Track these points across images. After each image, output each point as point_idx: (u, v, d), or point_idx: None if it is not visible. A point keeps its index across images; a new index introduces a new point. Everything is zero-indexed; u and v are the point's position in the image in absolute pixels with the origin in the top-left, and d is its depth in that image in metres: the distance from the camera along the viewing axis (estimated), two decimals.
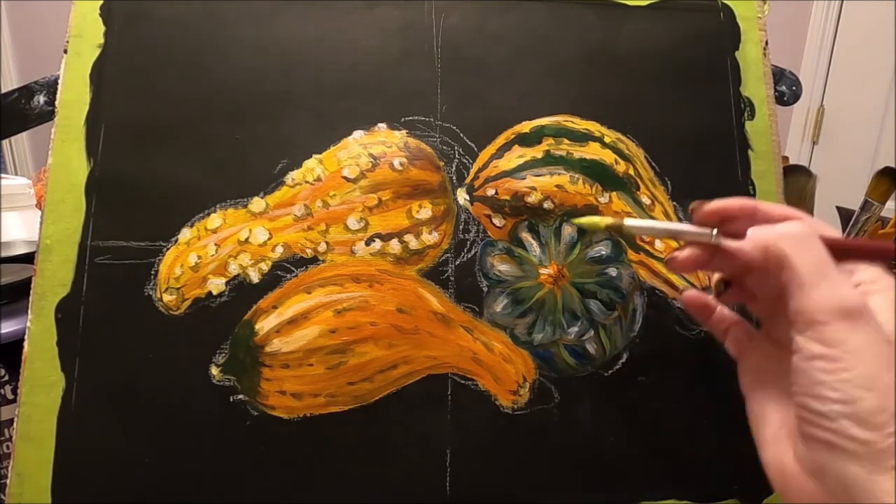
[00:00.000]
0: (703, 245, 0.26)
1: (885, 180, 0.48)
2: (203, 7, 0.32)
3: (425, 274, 0.31)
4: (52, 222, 0.30)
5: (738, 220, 0.25)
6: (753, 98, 0.36)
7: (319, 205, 0.31)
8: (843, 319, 0.20)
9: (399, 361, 0.30)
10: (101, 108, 0.31)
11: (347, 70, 0.33)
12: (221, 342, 0.30)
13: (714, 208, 0.25)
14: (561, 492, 0.31)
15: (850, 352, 0.20)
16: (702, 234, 0.26)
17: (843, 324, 0.20)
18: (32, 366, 0.28)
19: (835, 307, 0.20)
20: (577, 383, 0.32)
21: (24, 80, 0.35)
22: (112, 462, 0.28)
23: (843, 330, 0.20)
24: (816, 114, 1.77)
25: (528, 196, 0.33)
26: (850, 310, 0.20)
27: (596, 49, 0.35)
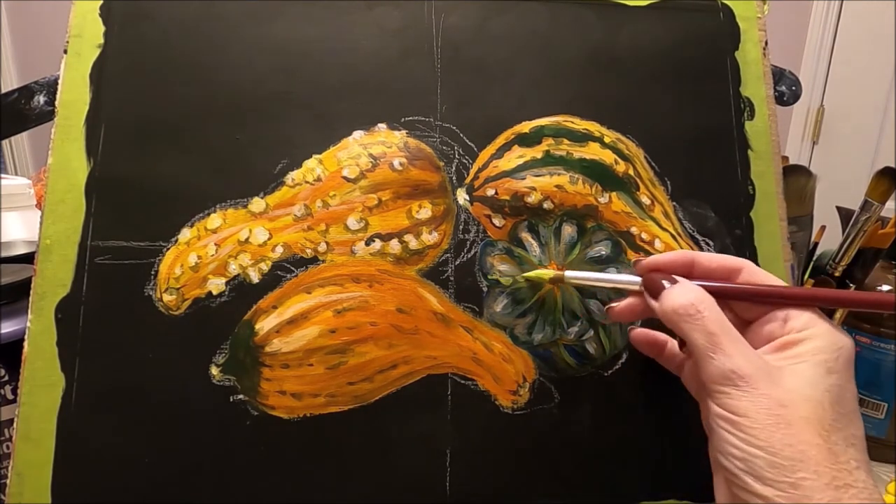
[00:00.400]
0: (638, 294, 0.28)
1: (885, 180, 0.48)
2: (203, 7, 0.32)
3: (425, 274, 0.31)
4: (52, 222, 0.30)
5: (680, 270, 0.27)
6: (753, 98, 0.36)
7: (319, 205, 0.31)
8: (734, 388, 0.22)
9: (399, 361, 0.30)
10: (101, 108, 0.31)
11: (347, 70, 0.33)
12: (221, 342, 0.30)
13: (647, 264, 0.28)
14: (561, 492, 0.31)
15: (744, 415, 0.22)
16: (629, 283, 0.28)
17: (735, 391, 0.22)
18: (32, 366, 0.28)
19: (725, 377, 0.22)
20: (577, 383, 0.32)
21: (24, 80, 0.35)
22: (112, 462, 0.28)
23: (736, 396, 0.22)
24: (816, 114, 1.77)
25: (527, 196, 0.33)
26: (739, 379, 0.22)
27: (596, 49, 0.35)
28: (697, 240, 0.34)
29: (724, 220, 0.34)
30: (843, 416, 0.22)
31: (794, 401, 0.21)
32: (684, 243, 0.34)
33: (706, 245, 0.34)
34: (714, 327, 0.23)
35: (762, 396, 0.21)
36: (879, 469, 0.48)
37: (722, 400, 0.22)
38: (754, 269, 0.26)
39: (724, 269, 0.27)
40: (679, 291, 0.25)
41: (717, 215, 0.34)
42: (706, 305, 0.24)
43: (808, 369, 0.22)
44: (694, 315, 0.24)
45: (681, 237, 0.34)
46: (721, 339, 0.23)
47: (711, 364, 0.23)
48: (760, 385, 0.22)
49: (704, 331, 0.23)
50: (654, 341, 0.31)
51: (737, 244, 0.34)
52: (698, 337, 0.23)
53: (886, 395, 0.49)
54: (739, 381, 0.22)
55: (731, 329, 0.23)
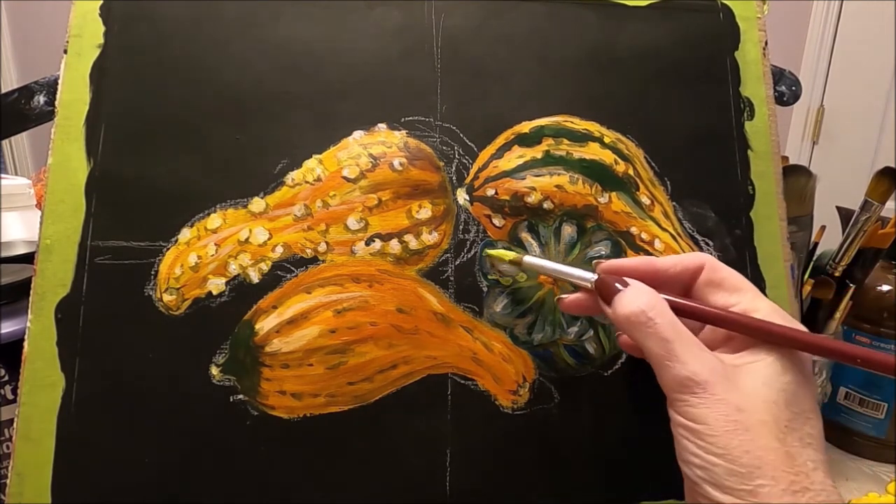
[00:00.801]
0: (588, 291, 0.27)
1: (885, 180, 0.48)
2: (203, 7, 0.32)
3: (425, 274, 0.31)
4: (52, 222, 0.30)
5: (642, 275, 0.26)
6: (753, 98, 0.36)
7: (319, 205, 0.31)
8: (691, 395, 0.22)
9: (399, 361, 0.30)
10: (101, 108, 0.31)
11: (347, 70, 0.33)
12: (221, 342, 0.30)
13: (608, 267, 0.27)
14: (561, 492, 0.31)
15: (702, 422, 0.21)
16: (583, 280, 0.27)
17: (694, 398, 0.22)
18: (32, 366, 0.28)
19: (681, 385, 0.22)
20: (577, 383, 0.32)
21: (24, 80, 0.35)
22: (112, 462, 0.28)
23: (693, 404, 0.22)
24: (816, 114, 1.77)
25: (527, 196, 0.33)
26: (695, 385, 0.22)
27: (596, 49, 0.35)
28: (697, 240, 0.34)
29: (724, 220, 0.34)
30: (799, 415, 0.22)
31: (750, 404, 0.21)
32: (684, 243, 0.34)
33: (706, 245, 0.34)
34: (667, 333, 0.23)
35: (719, 402, 0.21)
36: (879, 469, 0.48)
37: (680, 408, 0.22)
38: (715, 265, 0.26)
39: (686, 272, 0.26)
40: (629, 297, 0.24)
41: (717, 215, 0.34)
42: (657, 311, 0.23)
43: (764, 368, 0.22)
44: (646, 322, 0.23)
45: (681, 237, 0.34)
46: (674, 345, 0.22)
47: (667, 372, 0.22)
48: (717, 390, 0.21)
49: (657, 338, 0.23)
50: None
51: (737, 244, 0.34)
52: (652, 345, 0.23)
53: (886, 395, 0.49)
54: (696, 388, 0.22)
55: (685, 333, 0.23)
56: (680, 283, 0.26)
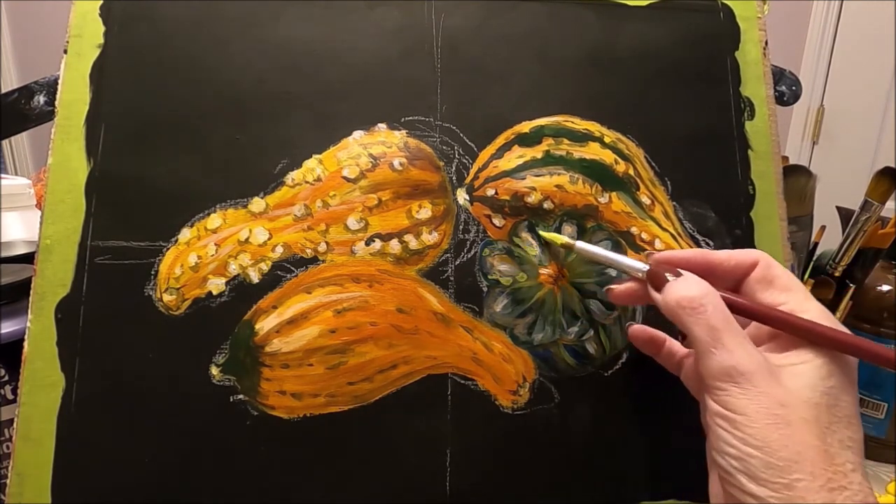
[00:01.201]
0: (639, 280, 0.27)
1: (885, 180, 0.48)
2: (203, 7, 0.32)
3: (425, 274, 0.31)
4: (52, 222, 0.30)
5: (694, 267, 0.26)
6: (753, 98, 0.36)
7: (319, 205, 0.31)
8: (733, 385, 0.22)
9: (399, 361, 0.30)
10: (101, 108, 0.31)
11: (347, 70, 0.33)
12: (221, 342, 0.30)
13: (661, 257, 0.27)
14: (561, 492, 0.31)
15: (742, 413, 0.21)
16: (634, 268, 0.27)
17: (734, 388, 0.22)
18: (32, 366, 0.28)
19: (725, 374, 0.22)
20: (577, 383, 0.32)
21: (24, 80, 0.35)
22: (112, 462, 0.28)
23: (734, 393, 0.22)
24: (816, 114, 1.77)
25: (527, 196, 0.33)
26: (738, 375, 0.22)
27: (596, 49, 0.35)
28: (697, 240, 0.34)
29: (724, 220, 0.34)
30: (840, 419, 0.22)
31: (793, 401, 0.21)
32: (684, 243, 0.34)
33: (706, 245, 0.34)
34: (717, 321, 0.23)
35: (762, 395, 0.21)
36: (879, 469, 0.48)
37: (720, 397, 0.22)
38: (769, 262, 0.26)
39: (740, 267, 0.26)
40: (683, 284, 0.24)
41: (717, 215, 0.34)
42: (709, 299, 0.23)
43: (808, 371, 0.22)
44: (697, 308, 0.23)
45: (681, 237, 0.34)
46: (723, 334, 0.22)
47: (712, 359, 0.22)
48: (760, 383, 0.21)
49: (707, 324, 0.23)
50: (653, 338, 0.31)
51: (737, 244, 0.34)
52: (700, 331, 0.23)
53: (886, 395, 0.49)
54: (739, 378, 0.22)
55: (734, 324, 0.23)
56: (732, 278, 0.26)
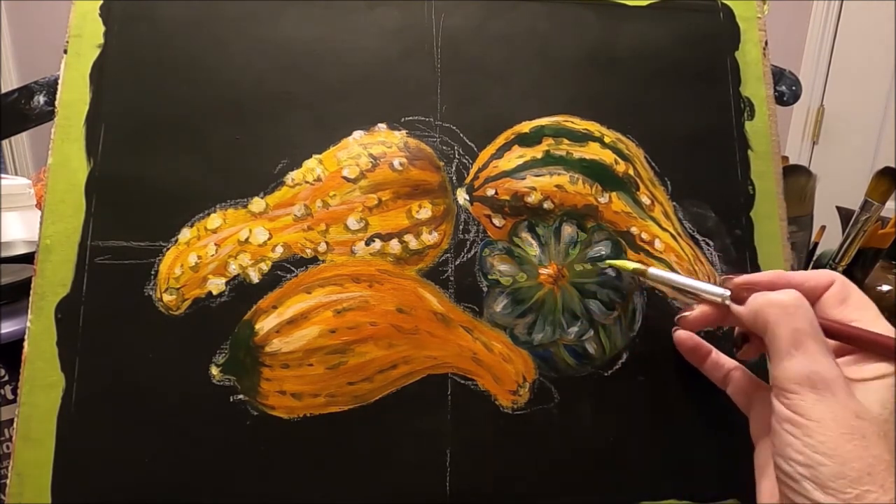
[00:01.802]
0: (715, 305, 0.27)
1: (885, 180, 0.48)
2: (203, 7, 0.32)
3: (425, 274, 0.31)
4: (52, 222, 0.30)
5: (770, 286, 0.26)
6: (753, 98, 0.36)
7: (319, 205, 0.31)
8: (811, 390, 0.21)
9: (399, 361, 0.30)
10: (101, 108, 0.31)
11: (347, 70, 0.33)
12: (221, 342, 0.30)
13: (742, 281, 0.27)
14: (561, 492, 0.31)
15: (814, 420, 0.21)
16: (715, 294, 0.27)
17: (811, 394, 0.21)
18: (32, 366, 0.28)
19: (804, 378, 0.22)
20: (577, 383, 0.32)
21: (24, 80, 0.35)
22: (112, 462, 0.28)
23: (810, 399, 0.21)
24: (816, 114, 1.77)
25: (527, 196, 0.33)
26: (818, 382, 0.21)
27: (596, 49, 0.35)
28: (698, 240, 0.34)
29: (724, 220, 0.34)
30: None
31: (868, 415, 0.21)
32: (684, 243, 0.34)
33: (706, 245, 0.34)
34: (804, 324, 0.22)
35: (838, 404, 0.21)
36: None
37: (793, 401, 0.22)
38: (846, 283, 0.26)
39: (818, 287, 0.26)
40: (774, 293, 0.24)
41: (717, 215, 0.34)
42: (801, 303, 0.23)
43: (881, 388, 0.22)
44: (788, 308, 0.23)
45: (681, 237, 0.34)
46: (808, 338, 0.22)
47: (792, 361, 0.22)
48: (839, 392, 0.21)
49: (792, 326, 0.22)
50: (698, 347, 0.31)
51: (737, 244, 0.34)
52: (784, 331, 0.23)
53: None
54: (819, 384, 0.21)
55: (820, 333, 0.23)
56: (811, 297, 0.26)
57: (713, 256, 0.34)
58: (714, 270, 0.34)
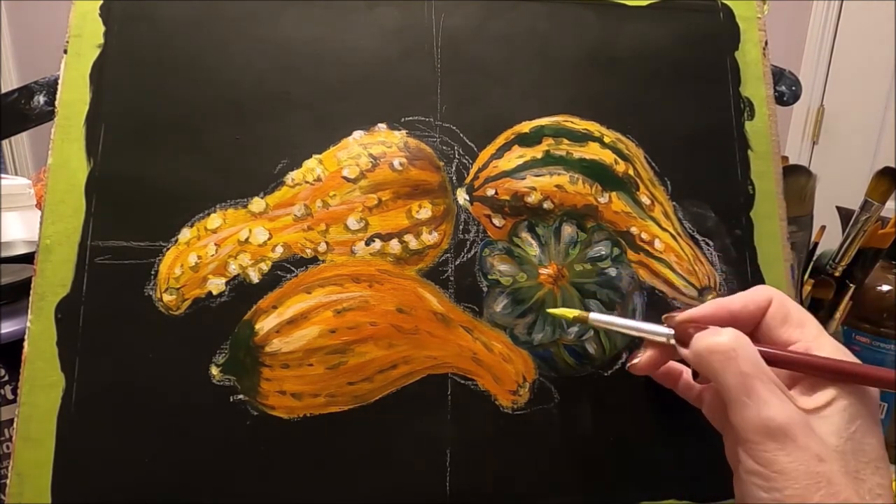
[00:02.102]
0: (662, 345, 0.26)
1: (885, 180, 0.48)
2: (203, 7, 0.32)
3: (425, 274, 0.31)
4: (52, 222, 0.30)
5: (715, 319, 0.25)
6: (753, 98, 0.36)
7: (319, 205, 0.31)
8: (770, 439, 0.21)
9: (399, 361, 0.30)
10: (101, 108, 0.31)
11: (347, 70, 0.33)
12: (221, 342, 0.30)
13: (683, 318, 0.26)
14: (561, 492, 0.31)
15: (779, 472, 0.20)
16: (659, 335, 0.27)
17: (772, 444, 0.20)
18: (32, 366, 0.28)
19: (760, 427, 0.21)
20: (577, 383, 0.32)
21: (24, 80, 0.35)
22: (112, 462, 0.28)
23: (772, 450, 0.20)
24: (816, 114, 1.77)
25: (527, 196, 0.33)
26: (776, 430, 0.20)
27: (595, 49, 0.35)
28: (697, 240, 0.34)
29: (724, 220, 0.34)
30: (867, 465, 0.21)
31: (829, 454, 0.20)
32: (684, 243, 0.34)
33: (706, 245, 0.34)
34: (748, 367, 0.22)
35: (801, 451, 0.20)
36: None
37: (756, 452, 0.21)
38: (782, 300, 0.25)
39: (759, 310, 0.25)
40: (713, 331, 0.23)
41: (717, 215, 0.34)
42: (741, 345, 0.22)
43: (835, 415, 0.21)
44: (728, 353, 0.22)
45: (681, 237, 0.34)
46: (755, 381, 0.21)
47: (745, 410, 0.21)
48: (798, 437, 0.20)
49: (737, 371, 0.22)
50: (669, 371, 0.30)
51: (737, 244, 0.34)
52: (731, 378, 0.22)
53: (886, 396, 0.49)
54: (777, 433, 0.20)
55: (767, 371, 0.22)
56: (753, 321, 0.25)
57: (713, 256, 0.34)
58: (714, 270, 0.34)
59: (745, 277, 0.34)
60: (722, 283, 0.34)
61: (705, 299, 0.33)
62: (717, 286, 0.34)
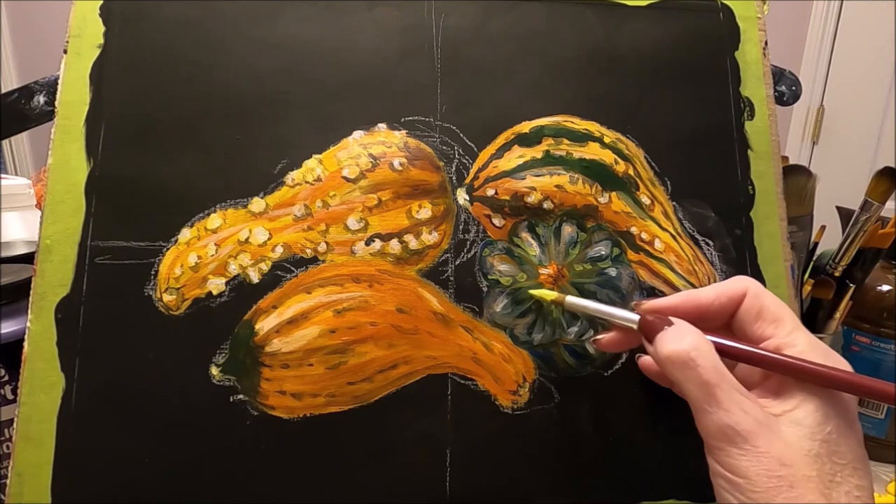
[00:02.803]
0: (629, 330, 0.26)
1: (885, 180, 0.48)
2: (203, 7, 0.32)
3: (425, 274, 0.31)
4: (52, 222, 0.30)
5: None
6: (753, 98, 0.36)
7: (319, 205, 0.31)
8: (732, 445, 0.21)
9: (399, 361, 0.30)
10: (101, 108, 0.31)
11: (347, 70, 0.33)
12: (221, 342, 0.30)
13: (650, 307, 0.26)
14: (561, 492, 0.31)
15: (742, 477, 0.20)
16: (626, 321, 0.27)
17: (735, 449, 0.21)
18: (32, 366, 0.28)
19: (722, 434, 0.21)
20: (577, 383, 0.32)
21: (24, 80, 0.35)
22: (112, 462, 0.28)
23: (734, 455, 0.21)
24: (816, 114, 1.77)
25: (527, 196, 0.33)
26: (736, 436, 0.21)
27: (595, 49, 0.35)
28: (697, 240, 0.34)
29: (724, 220, 0.34)
30: (844, 466, 0.20)
31: (794, 457, 0.20)
32: (684, 243, 0.34)
33: (706, 245, 0.34)
34: (709, 376, 0.22)
35: (762, 455, 0.20)
36: (879, 469, 0.48)
37: (720, 457, 0.21)
38: (757, 292, 0.25)
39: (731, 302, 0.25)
40: (673, 336, 0.23)
41: (717, 215, 0.34)
42: (700, 352, 0.22)
43: (805, 417, 0.21)
44: (687, 363, 0.22)
45: (681, 237, 0.34)
46: (716, 389, 0.21)
47: (707, 418, 0.21)
48: (760, 442, 0.20)
49: (699, 381, 0.22)
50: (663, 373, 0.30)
51: (737, 244, 0.34)
52: (692, 388, 0.22)
53: None
54: (738, 439, 0.21)
55: (728, 377, 0.22)
56: (725, 314, 0.25)
57: (713, 256, 0.34)
58: (714, 270, 0.34)
59: None
60: None
61: None
62: None
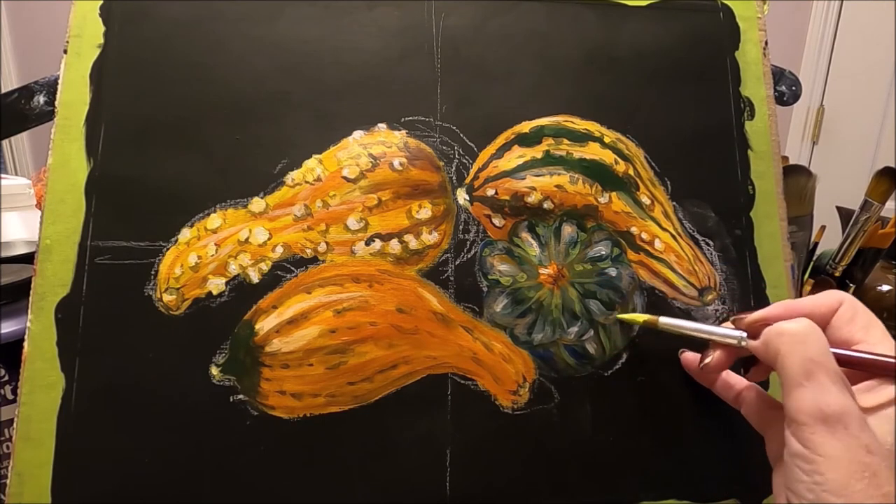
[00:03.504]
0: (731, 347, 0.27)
1: (885, 180, 0.48)
2: (203, 7, 0.32)
3: (425, 274, 0.31)
4: (52, 222, 0.30)
5: None
6: (753, 98, 0.36)
7: (319, 205, 0.31)
8: (821, 424, 0.21)
9: (399, 361, 0.30)
10: (101, 108, 0.31)
11: (347, 70, 0.33)
12: (221, 342, 0.30)
13: (754, 319, 0.26)
14: (561, 492, 0.31)
15: (824, 456, 0.20)
16: (731, 337, 0.27)
17: (822, 428, 0.21)
18: (32, 366, 0.28)
19: (814, 411, 0.21)
20: (577, 383, 0.32)
21: (24, 80, 0.35)
22: (112, 462, 0.28)
23: (820, 434, 0.21)
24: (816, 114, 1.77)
25: (527, 196, 0.33)
26: (830, 416, 0.21)
27: (595, 49, 0.35)
28: (697, 240, 0.34)
29: (724, 220, 0.34)
30: None
31: (879, 449, 0.20)
32: (684, 243, 0.34)
33: (706, 244, 0.34)
34: (815, 354, 0.22)
35: (852, 439, 0.20)
36: None
37: (804, 434, 0.21)
38: (853, 304, 0.25)
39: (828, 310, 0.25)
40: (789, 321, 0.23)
41: (717, 215, 0.34)
42: (816, 334, 0.22)
43: (892, 415, 0.22)
44: (797, 335, 0.22)
45: (681, 237, 0.34)
46: (819, 369, 0.21)
47: (802, 392, 0.21)
48: (851, 425, 0.20)
49: (804, 356, 0.22)
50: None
51: (737, 244, 0.34)
52: (795, 361, 0.22)
53: None
54: (831, 418, 0.20)
55: (833, 363, 0.22)
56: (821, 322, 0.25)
57: (713, 256, 0.34)
58: (714, 270, 0.34)
59: (745, 277, 0.34)
60: (722, 282, 0.34)
61: (705, 299, 0.33)
62: (717, 286, 0.34)
